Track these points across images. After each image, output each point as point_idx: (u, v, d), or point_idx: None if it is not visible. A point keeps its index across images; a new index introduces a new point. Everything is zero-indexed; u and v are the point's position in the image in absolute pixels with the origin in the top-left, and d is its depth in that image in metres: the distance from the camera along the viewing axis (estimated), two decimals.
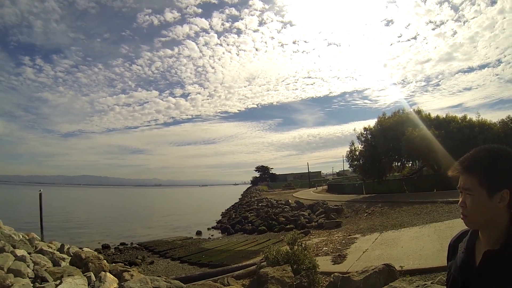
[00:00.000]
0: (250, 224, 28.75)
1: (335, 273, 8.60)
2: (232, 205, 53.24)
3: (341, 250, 12.53)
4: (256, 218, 30.72)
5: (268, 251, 10.42)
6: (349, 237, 15.02)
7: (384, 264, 7.51)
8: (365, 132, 31.86)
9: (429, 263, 8.82)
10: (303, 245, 10.29)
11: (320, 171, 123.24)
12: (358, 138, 32.31)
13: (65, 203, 76.14)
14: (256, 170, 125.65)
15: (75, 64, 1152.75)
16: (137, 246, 23.84)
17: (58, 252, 12.30)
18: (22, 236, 12.96)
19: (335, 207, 24.33)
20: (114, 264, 11.73)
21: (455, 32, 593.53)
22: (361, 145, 32.14)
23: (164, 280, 9.17)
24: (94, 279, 9.41)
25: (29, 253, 11.16)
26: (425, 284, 6.16)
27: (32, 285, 8.82)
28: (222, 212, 46.00)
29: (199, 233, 29.79)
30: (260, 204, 39.19)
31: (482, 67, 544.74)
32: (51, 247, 12.76)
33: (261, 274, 8.29)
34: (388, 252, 10.91)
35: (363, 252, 11.60)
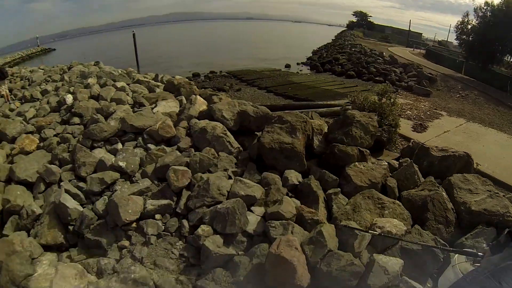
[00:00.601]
0: (339, 67, 28.02)
1: (415, 140, 8.57)
2: (324, 45, 51.22)
3: (424, 121, 12.49)
4: (346, 62, 29.71)
5: (356, 96, 10.36)
6: (435, 111, 14.48)
7: (465, 153, 7.12)
8: (485, 7, 26.83)
9: (504, 176, 8.21)
10: (392, 99, 10.01)
11: (421, 34, 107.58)
12: (475, 11, 27.59)
13: (157, 41, 78.61)
14: (353, 15, 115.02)
15: None
16: (226, 74, 24.59)
17: (153, 81, 13.35)
18: (121, 71, 14.05)
19: (429, 74, 22.78)
20: (203, 89, 12.28)
21: None
22: (476, 20, 27.72)
23: (252, 105, 9.42)
24: (185, 102, 10.04)
25: (128, 84, 12.21)
26: (497, 194, 5.86)
27: (131, 109, 9.82)
28: (313, 50, 44.63)
29: (287, 66, 29.70)
30: (353, 49, 37.41)
31: None
32: (147, 78, 13.80)
33: (347, 115, 8.18)
34: (467, 144, 10.35)
35: (444, 132, 11.27)
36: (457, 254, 4.26)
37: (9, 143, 8.73)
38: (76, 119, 9.58)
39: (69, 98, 10.63)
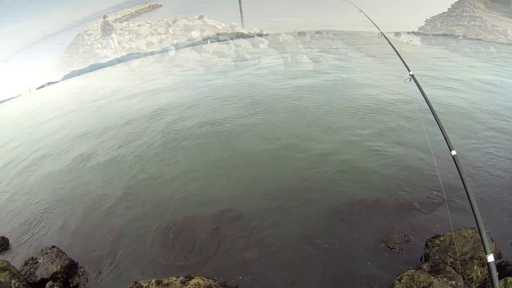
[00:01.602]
0: (454, 41, 24.86)
1: None
2: (438, 14, 44.58)
3: None
4: (462, 37, 26.65)
5: None
6: None
7: None
8: None
9: None
10: None
11: None
12: None
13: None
14: None
15: None
16: (333, 36, 22.95)
17: (257, 37, 13.05)
18: (224, 26, 13.92)
19: None
20: (309, 49, 11.49)
21: None
22: None
23: None
24: (290, 60, 9.37)
25: (231, 39, 11.89)
26: None
27: (233, 63, 9.33)
28: (426, 19, 39.77)
29: (397, 34, 27.08)
30: (471, 23, 32.74)
31: None
32: (251, 33, 13.42)
33: None
34: None
35: None
36: None
37: None
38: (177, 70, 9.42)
39: (172, 52, 10.74)
